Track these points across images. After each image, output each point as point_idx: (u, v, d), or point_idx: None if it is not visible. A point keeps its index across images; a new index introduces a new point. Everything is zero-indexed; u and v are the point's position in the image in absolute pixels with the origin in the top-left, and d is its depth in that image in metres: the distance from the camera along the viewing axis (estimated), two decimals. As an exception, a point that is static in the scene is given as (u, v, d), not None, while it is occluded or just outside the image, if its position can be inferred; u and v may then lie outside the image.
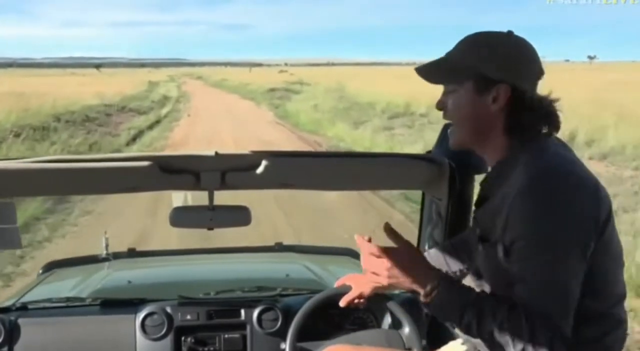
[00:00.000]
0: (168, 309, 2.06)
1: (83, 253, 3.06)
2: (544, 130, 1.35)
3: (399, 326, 1.94)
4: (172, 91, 41.71)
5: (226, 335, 2.06)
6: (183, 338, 2.04)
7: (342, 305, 1.85)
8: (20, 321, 2.00)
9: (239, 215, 1.93)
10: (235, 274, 2.88)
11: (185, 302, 2.10)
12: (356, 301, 1.86)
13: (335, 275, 2.52)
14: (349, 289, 1.87)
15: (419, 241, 2.22)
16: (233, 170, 1.88)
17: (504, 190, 1.30)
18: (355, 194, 7.81)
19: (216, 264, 3.06)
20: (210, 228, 1.94)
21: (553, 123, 1.35)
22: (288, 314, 2.03)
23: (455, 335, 1.85)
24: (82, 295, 2.26)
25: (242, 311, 2.08)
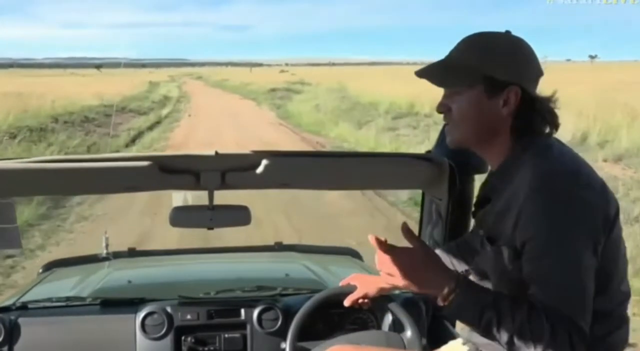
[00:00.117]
0: (168, 309, 2.06)
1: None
2: (547, 130, 1.36)
3: (400, 326, 1.94)
4: (173, 91, 41.67)
5: (226, 335, 2.06)
6: (183, 337, 2.04)
7: (347, 305, 1.84)
8: (20, 320, 2.00)
9: (239, 215, 1.93)
10: (235, 274, 2.88)
11: (185, 302, 2.10)
12: (360, 301, 1.85)
13: (335, 275, 2.51)
14: (352, 289, 1.86)
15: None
16: (233, 170, 1.88)
17: (511, 191, 1.29)
18: (364, 200, 7.74)
19: (216, 264, 3.05)
20: (210, 228, 1.94)
21: (554, 123, 1.35)
22: (288, 314, 2.03)
23: (455, 335, 1.84)
24: (82, 295, 2.26)
25: (242, 311, 2.08)
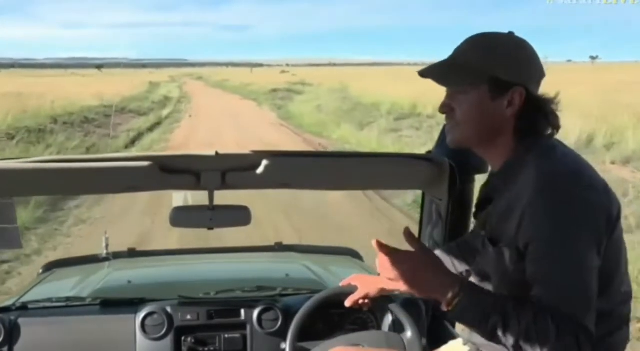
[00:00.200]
0: (168, 309, 2.06)
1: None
2: (549, 131, 1.36)
3: (400, 327, 1.94)
4: (174, 92, 41.67)
5: (226, 335, 2.05)
6: (183, 338, 2.04)
7: (347, 305, 1.84)
8: (20, 321, 2.00)
9: (239, 215, 1.93)
10: (235, 274, 2.88)
11: (185, 302, 2.10)
12: (360, 302, 1.85)
13: (335, 275, 2.51)
14: (352, 289, 1.86)
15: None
16: (233, 170, 1.88)
17: (513, 192, 1.29)
18: (370, 206, 7.71)
19: (216, 264, 3.05)
20: (210, 228, 1.94)
21: (555, 124, 1.36)
22: (288, 314, 2.03)
23: (455, 335, 1.84)
24: (82, 295, 2.26)
25: (242, 311, 2.08)
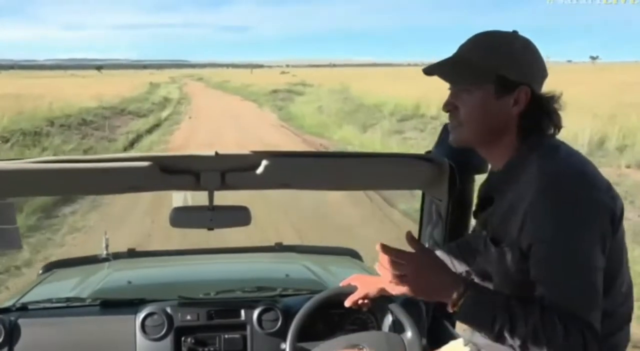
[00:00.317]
0: (168, 309, 2.06)
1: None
2: (551, 130, 1.36)
3: (400, 327, 1.94)
4: (173, 93, 41.68)
5: (226, 335, 2.05)
6: (183, 338, 2.03)
7: (347, 306, 1.84)
8: (20, 321, 2.00)
9: (239, 215, 1.93)
10: (235, 274, 2.88)
11: (185, 302, 2.10)
12: (360, 302, 1.85)
13: (335, 275, 2.51)
14: (352, 289, 1.86)
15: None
16: (233, 170, 1.88)
17: (516, 192, 1.29)
18: (374, 209, 7.67)
19: (216, 264, 3.05)
20: (210, 228, 1.93)
21: (558, 122, 1.35)
22: (288, 314, 2.03)
23: (455, 335, 1.84)
24: (82, 295, 2.26)
25: (242, 311, 2.08)
